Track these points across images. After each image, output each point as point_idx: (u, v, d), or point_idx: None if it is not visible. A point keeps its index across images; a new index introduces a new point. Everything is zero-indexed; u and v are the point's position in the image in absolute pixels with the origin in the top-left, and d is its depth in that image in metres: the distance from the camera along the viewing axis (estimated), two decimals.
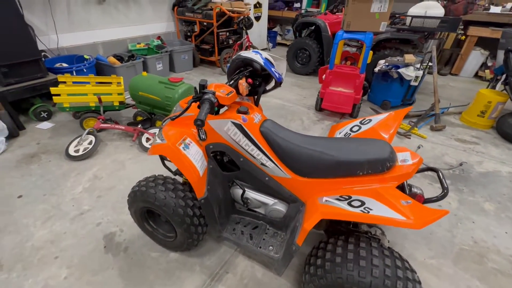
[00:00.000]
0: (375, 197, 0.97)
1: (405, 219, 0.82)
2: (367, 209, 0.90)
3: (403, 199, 0.92)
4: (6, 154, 2.33)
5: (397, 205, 0.89)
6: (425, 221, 0.79)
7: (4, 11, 2.31)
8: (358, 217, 0.88)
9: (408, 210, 0.86)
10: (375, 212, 0.87)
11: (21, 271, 1.42)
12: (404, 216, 0.83)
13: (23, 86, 2.60)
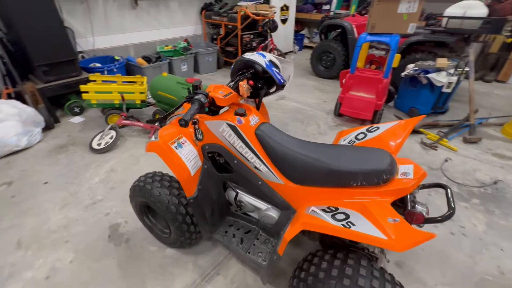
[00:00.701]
0: (362, 211, 0.89)
1: (386, 239, 0.73)
2: (350, 223, 0.83)
3: (392, 216, 0.83)
4: (41, 144, 2.59)
5: (382, 222, 0.80)
6: (407, 244, 0.70)
7: (46, 17, 2.58)
8: (337, 231, 0.81)
9: (393, 229, 0.77)
10: (356, 227, 0.80)
11: (35, 250, 1.56)
12: (386, 235, 0.75)
13: (60, 83, 2.88)
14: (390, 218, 0.82)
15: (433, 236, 0.71)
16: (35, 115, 2.62)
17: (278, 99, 3.70)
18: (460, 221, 1.80)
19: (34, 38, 2.56)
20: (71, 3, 3.34)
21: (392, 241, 0.72)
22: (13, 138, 2.38)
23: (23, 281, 1.40)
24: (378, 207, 0.90)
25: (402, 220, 0.81)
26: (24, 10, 2.44)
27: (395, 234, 0.75)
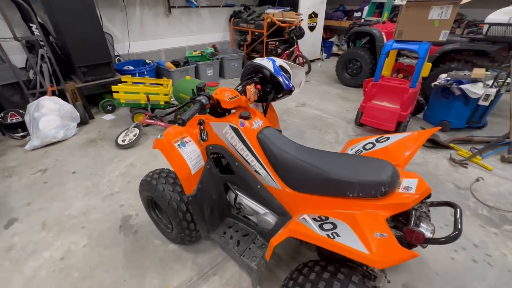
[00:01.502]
0: (351, 223, 0.85)
1: (368, 254, 0.69)
2: (335, 234, 0.80)
3: (380, 231, 0.78)
4: (75, 137, 2.85)
5: (368, 236, 0.75)
6: (387, 261, 0.65)
7: (88, 25, 2.87)
8: (320, 241, 0.78)
9: (377, 244, 0.72)
10: (340, 239, 0.76)
11: (55, 232, 1.72)
12: (368, 249, 0.70)
13: (96, 83, 3.16)
14: (378, 232, 0.77)
15: (415, 255, 0.65)
16: (73, 111, 2.91)
17: (298, 105, 3.67)
18: (487, 249, 1.61)
19: (76, 43, 2.86)
20: (112, 11, 3.68)
21: (372, 257, 0.67)
22: (52, 131, 2.65)
23: (42, 259, 1.55)
24: (369, 219, 0.84)
25: (390, 236, 0.76)
26: (71, 18, 2.74)
27: (378, 249, 0.70)
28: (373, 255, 0.68)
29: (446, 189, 2.09)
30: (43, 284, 1.41)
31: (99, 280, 1.43)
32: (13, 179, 2.21)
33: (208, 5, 4.67)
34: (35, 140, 2.59)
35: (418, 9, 2.44)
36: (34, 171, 2.31)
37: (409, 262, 1.53)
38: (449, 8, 2.33)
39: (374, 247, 0.71)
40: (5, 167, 2.36)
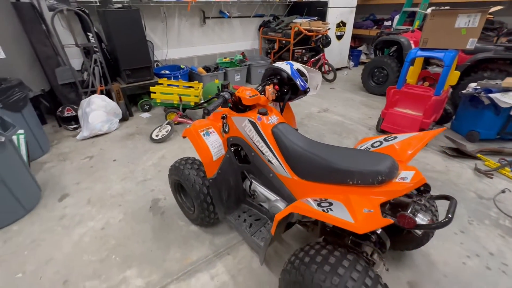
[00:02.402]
0: (345, 202, 0.96)
1: (352, 222, 0.80)
2: (329, 209, 0.91)
3: (368, 208, 0.88)
4: (116, 131, 3.24)
5: (357, 211, 0.86)
6: (366, 227, 0.76)
7: (135, 34, 3.28)
8: (315, 214, 0.90)
9: (362, 216, 0.82)
10: (333, 213, 0.88)
11: (98, 208, 2.01)
12: (354, 219, 0.81)
13: (137, 84, 3.56)
14: (366, 209, 0.87)
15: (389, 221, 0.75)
16: (117, 108, 3.31)
17: (321, 111, 3.76)
18: (504, 258, 1.57)
19: (124, 49, 3.28)
20: (154, 22, 4.13)
21: (355, 224, 0.78)
22: (99, 124, 3.05)
23: (87, 227, 1.83)
24: (362, 200, 0.95)
25: (376, 211, 0.85)
26: (121, 29, 3.17)
27: (362, 220, 0.80)
28: (356, 223, 0.79)
29: (466, 197, 2.04)
30: (87, 247, 1.68)
31: (131, 249, 1.67)
32: (66, 162, 2.60)
33: (240, 16, 4.99)
34: (85, 131, 3.01)
35: (444, 18, 2.45)
36: (83, 157, 2.69)
37: (418, 262, 1.55)
38: (476, 16, 2.31)
39: (359, 218, 0.82)
40: (60, 153, 2.77)
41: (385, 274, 1.48)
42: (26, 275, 1.51)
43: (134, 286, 1.44)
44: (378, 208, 0.87)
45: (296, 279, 1.04)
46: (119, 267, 1.55)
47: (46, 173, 2.42)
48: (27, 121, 2.50)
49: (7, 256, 1.63)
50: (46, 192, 2.18)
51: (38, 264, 1.58)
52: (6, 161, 1.78)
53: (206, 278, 1.48)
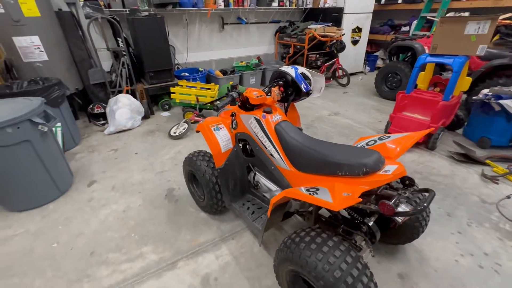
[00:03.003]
0: (330, 188, 1.09)
1: (330, 202, 0.94)
2: (315, 193, 1.05)
3: (348, 192, 1.01)
4: (139, 128, 3.53)
5: (337, 194, 0.99)
6: (341, 205, 0.89)
7: (159, 40, 3.58)
8: (303, 197, 1.05)
9: (340, 198, 0.96)
10: (317, 195, 1.02)
11: (120, 193, 2.26)
12: (333, 200, 0.95)
13: (159, 85, 3.86)
14: (345, 193, 1.00)
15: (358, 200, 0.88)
16: (140, 107, 3.61)
17: (331, 114, 3.85)
18: (498, 258, 1.61)
19: (148, 53, 3.59)
20: (177, 28, 4.44)
21: (332, 203, 0.92)
22: (124, 121, 3.36)
23: (110, 209, 2.08)
24: (345, 186, 1.08)
25: (354, 195, 0.98)
26: (147, 34, 3.48)
27: (339, 201, 0.94)
28: (333, 202, 0.92)
29: (469, 201, 2.07)
30: (110, 226, 1.92)
31: (147, 229, 1.88)
32: (95, 154, 2.90)
33: (257, 22, 5.21)
34: (111, 127, 3.32)
35: (453, 24, 2.50)
36: (109, 149, 2.98)
37: (410, 257, 1.63)
38: (486, 23, 2.34)
39: (337, 199, 0.95)
40: (89, 145, 3.09)
41: (376, 265, 1.58)
42: (60, 245, 1.77)
43: (149, 260, 1.65)
44: (357, 193, 1.00)
45: (287, 256, 1.18)
46: (137, 243, 1.77)
47: (77, 162, 2.73)
48: (64, 116, 2.83)
49: (45, 229, 1.90)
50: (77, 178, 2.47)
51: (70, 237, 1.83)
52: (47, 148, 2.07)
53: (212, 258, 1.65)
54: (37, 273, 1.58)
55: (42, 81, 2.78)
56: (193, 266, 1.60)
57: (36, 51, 2.97)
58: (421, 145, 2.90)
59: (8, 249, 1.74)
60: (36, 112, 1.93)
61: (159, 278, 1.54)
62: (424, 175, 2.40)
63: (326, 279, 1.02)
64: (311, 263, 1.06)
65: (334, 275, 1.01)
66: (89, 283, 1.52)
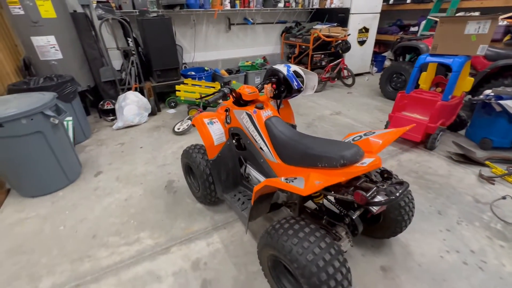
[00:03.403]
0: (305, 177, 1.16)
1: (300, 188, 1.01)
2: (291, 181, 1.13)
3: (320, 181, 1.07)
4: (145, 123, 3.69)
5: (310, 182, 1.06)
6: (309, 191, 0.96)
7: (166, 40, 3.73)
8: (279, 184, 1.13)
9: (311, 185, 1.03)
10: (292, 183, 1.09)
11: (123, 184, 2.40)
12: (304, 187, 1.02)
13: (166, 84, 4.01)
14: (317, 181, 1.07)
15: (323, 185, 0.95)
16: (147, 103, 3.77)
17: (333, 114, 3.88)
18: (484, 256, 1.62)
19: (156, 52, 3.75)
20: (185, 28, 4.60)
21: (302, 189, 1.00)
22: (131, 116, 3.53)
23: (114, 198, 2.22)
24: (318, 176, 1.14)
25: (324, 183, 1.05)
26: (154, 34, 3.64)
27: (309, 187, 1.01)
28: (304, 189, 1.00)
29: (462, 201, 2.07)
30: (112, 212, 2.05)
31: (146, 217, 2.01)
32: (103, 147, 3.07)
33: (263, 22, 5.30)
34: (119, 122, 3.50)
35: (453, 24, 2.49)
36: (116, 143, 3.15)
37: (395, 251, 1.67)
38: (486, 23, 2.33)
39: (308, 186, 1.02)
40: (98, 139, 3.27)
41: (361, 257, 1.63)
42: (66, 228, 1.91)
43: (146, 244, 1.76)
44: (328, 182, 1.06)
45: (267, 242, 1.26)
46: (136, 229, 1.89)
47: (86, 154, 2.91)
48: (75, 110, 3.02)
49: (54, 214, 2.06)
50: (85, 169, 2.64)
51: (75, 221, 1.98)
52: (58, 139, 2.24)
53: (203, 245, 1.75)
54: (44, 251, 1.73)
55: (56, 78, 2.98)
56: (185, 251, 1.70)
57: (52, 50, 3.18)
58: (420, 145, 2.89)
59: (21, 230, 1.91)
60: (48, 105, 2.09)
61: (153, 260, 1.65)
62: (420, 174, 2.41)
63: (299, 262, 1.09)
64: (286, 247, 1.14)
65: (306, 258, 1.08)
66: (90, 263, 1.65)
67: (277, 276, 1.37)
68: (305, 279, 1.08)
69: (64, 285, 1.51)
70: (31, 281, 1.54)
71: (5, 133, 1.91)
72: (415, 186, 2.25)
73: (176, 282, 1.51)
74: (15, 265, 1.64)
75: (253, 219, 1.59)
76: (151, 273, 1.57)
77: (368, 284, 1.48)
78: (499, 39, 4.06)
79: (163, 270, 1.58)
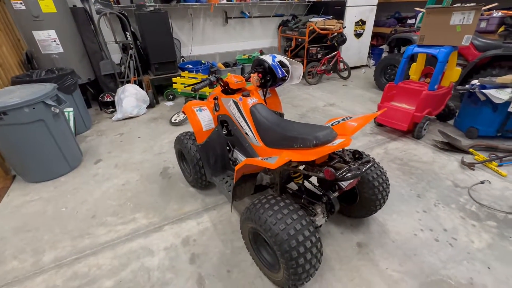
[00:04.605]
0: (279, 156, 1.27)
1: (270, 163, 1.12)
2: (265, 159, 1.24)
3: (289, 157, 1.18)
4: (144, 115, 3.82)
5: (281, 159, 1.17)
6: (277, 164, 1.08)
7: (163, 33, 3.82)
8: (255, 162, 1.24)
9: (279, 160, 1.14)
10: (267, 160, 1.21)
11: (122, 170, 2.54)
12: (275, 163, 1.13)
13: (164, 76, 4.12)
14: (287, 158, 1.18)
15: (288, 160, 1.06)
16: (145, 96, 3.89)
17: (327, 105, 3.96)
18: (455, 234, 1.72)
19: (154, 46, 3.85)
20: (182, 22, 4.68)
21: (272, 164, 1.11)
22: (130, 108, 3.65)
23: (112, 183, 2.36)
24: (290, 154, 1.25)
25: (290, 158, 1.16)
26: (151, 28, 3.74)
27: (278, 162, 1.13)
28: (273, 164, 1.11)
29: (442, 185, 2.17)
30: (111, 196, 2.19)
31: (142, 199, 2.14)
32: (103, 137, 3.21)
33: (260, 16, 5.35)
34: (119, 114, 3.63)
35: (439, 15, 2.55)
36: (115, 133, 3.28)
37: (372, 229, 1.78)
38: (471, 13, 2.39)
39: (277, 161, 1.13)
40: (99, 130, 3.41)
41: (339, 235, 1.75)
42: (68, 209, 2.06)
43: (140, 223, 1.90)
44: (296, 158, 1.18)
45: (247, 216, 1.38)
46: (132, 210, 2.03)
47: (87, 144, 3.05)
48: (76, 102, 3.15)
49: (56, 197, 2.20)
50: (86, 157, 2.78)
51: (76, 203, 2.12)
52: (59, 127, 2.37)
53: (193, 224, 1.88)
54: (47, 229, 1.87)
55: (57, 70, 3.11)
56: (176, 229, 1.84)
57: (53, 44, 3.30)
58: (408, 134, 2.98)
59: (26, 211, 2.06)
60: (49, 95, 2.22)
61: (146, 237, 1.78)
62: (404, 161, 2.51)
63: (272, 231, 1.21)
64: (262, 219, 1.26)
65: (279, 227, 1.20)
66: (89, 239, 1.79)
67: (257, 248, 1.50)
68: (277, 246, 1.20)
69: (65, 258, 1.65)
70: (35, 254, 1.68)
71: (10, 120, 2.04)
72: (398, 172, 2.35)
73: (167, 256, 1.65)
74: (21, 241, 1.79)
75: (238, 199, 1.71)
76: (145, 248, 1.71)
77: (343, 259, 1.59)
78: (493, 30, 4.09)
79: (155, 246, 1.72)
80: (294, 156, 1.23)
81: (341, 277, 1.49)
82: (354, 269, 1.53)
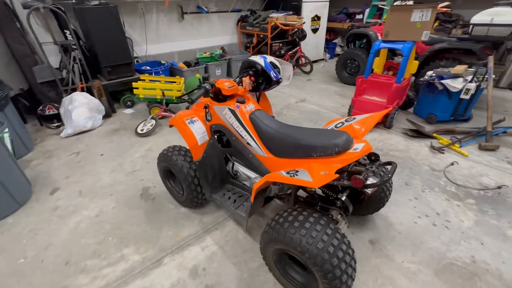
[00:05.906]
0: (308, 169, 1.18)
1: (309, 181, 1.02)
2: (295, 174, 1.13)
3: (325, 171, 1.10)
4: (101, 127, 3.30)
5: (315, 173, 1.08)
6: (321, 182, 0.99)
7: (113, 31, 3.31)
8: (283, 179, 1.12)
9: (319, 176, 1.05)
10: (297, 176, 1.10)
11: (90, 198, 2.13)
12: (312, 179, 1.03)
13: (119, 81, 3.61)
14: (323, 172, 1.10)
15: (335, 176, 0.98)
16: (99, 105, 3.35)
17: (298, 101, 4.00)
18: (447, 216, 1.88)
19: (103, 46, 3.32)
20: (132, 18, 4.15)
21: (312, 182, 1.01)
22: (83, 121, 3.10)
23: (81, 216, 1.95)
24: (321, 166, 1.17)
25: (330, 172, 1.08)
26: (99, 25, 3.20)
27: (318, 179, 1.03)
28: (313, 181, 1.01)
29: (421, 170, 2.36)
30: (84, 233, 1.81)
31: (126, 231, 1.82)
32: (53, 159, 2.66)
33: (217, 11, 5.09)
34: (68, 129, 3.05)
35: (401, 13, 2.74)
36: (69, 153, 2.75)
37: (378, 224, 1.83)
38: (428, 11, 2.61)
39: (316, 178, 1.04)
40: (45, 150, 2.81)
41: (351, 235, 1.75)
42: (28, 260, 1.63)
43: (132, 261, 1.61)
44: (333, 171, 1.10)
45: (273, 237, 1.25)
46: (117, 246, 1.70)
47: (33, 170, 2.48)
48: (10, 120, 2.53)
49: (6, 246, 1.72)
50: (37, 188, 2.25)
51: (38, 250, 1.69)
52: None
53: (198, 250, 1.67)
54: None
55: None
56: (179, 260, 1.61)
57: None
58: (380, 124, 3.18)
59: None
60: None
61: (145, 277, 1.51)
62: (385, 151, 2.66)
63: (311, 252, 1.11)
64: (296, 240, 1.15)
65: (317, 246, 1.11)
66: None
67: (283, 269, 1.39)
68: (318, 267, 1.11)
69: None
70: None
71: None
72: None
73: None
74: None
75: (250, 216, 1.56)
76: None
77: (362, 260, 1.60)
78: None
79: (159, 285, 1.47)
80: (324, 168, 1.15)
81: (365, 279, 1.48)
82: (374, 268, 1.54)
